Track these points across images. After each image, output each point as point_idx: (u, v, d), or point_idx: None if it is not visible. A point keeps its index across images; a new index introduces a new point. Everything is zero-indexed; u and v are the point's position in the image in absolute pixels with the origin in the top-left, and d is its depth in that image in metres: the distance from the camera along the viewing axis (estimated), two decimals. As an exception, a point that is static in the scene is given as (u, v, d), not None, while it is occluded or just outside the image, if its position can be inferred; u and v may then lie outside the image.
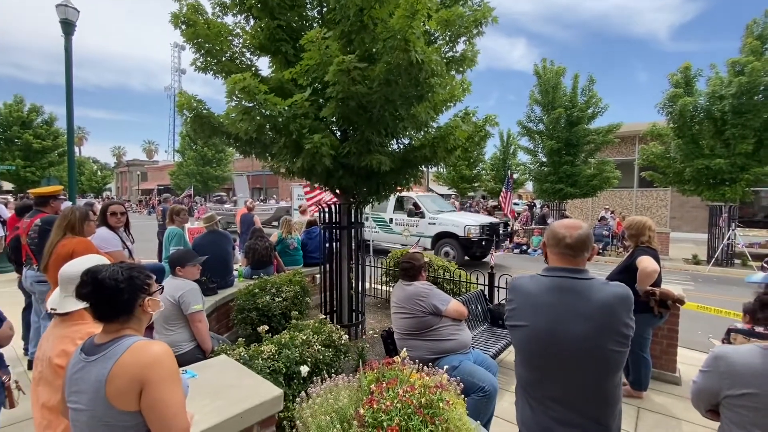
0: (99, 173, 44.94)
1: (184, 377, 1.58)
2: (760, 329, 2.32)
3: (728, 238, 10.13)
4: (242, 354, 2.51)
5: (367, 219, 11.30)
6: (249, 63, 4.33)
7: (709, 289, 8.08)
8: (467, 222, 9.94)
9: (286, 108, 3.17)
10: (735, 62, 9.67)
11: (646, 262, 3.00)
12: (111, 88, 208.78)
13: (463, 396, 1.87)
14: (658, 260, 3.12)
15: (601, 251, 11.64)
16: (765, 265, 1.29)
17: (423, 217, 10.62)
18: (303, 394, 1.81)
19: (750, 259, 9.93)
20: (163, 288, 1.51)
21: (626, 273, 3.15)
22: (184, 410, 1.21)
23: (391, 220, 11.22)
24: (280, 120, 3.06)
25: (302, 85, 3.40)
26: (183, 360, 2.59)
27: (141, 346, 1.20)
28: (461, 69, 4.20)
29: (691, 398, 1.35)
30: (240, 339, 2.78)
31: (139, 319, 1.30)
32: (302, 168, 3.39)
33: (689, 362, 3.85)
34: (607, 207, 17.39)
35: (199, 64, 4.03)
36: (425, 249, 10.42)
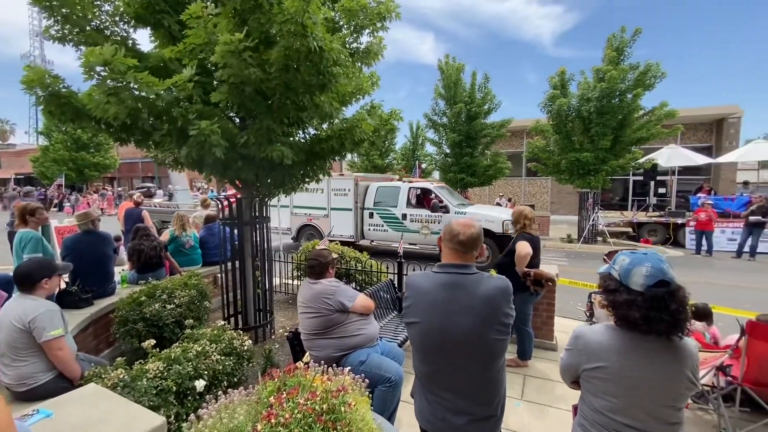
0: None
1: (25, 425, 1.30)
2: None
3: (592, 220, 12.07)
4: (122, 376, 2.18)
5: (371, 216, 9.83)
6: (124, 35, 3.71)
7: (580, 264, 9.53)
8: (504, 216, 8.56)
9: (171, 89, 2.79)
10: (598, 70, 11.37)
11: (520, 247, 3.40)
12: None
13: (369, 391, 1.88)
14: (536, 244, 3.53)
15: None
16: (605, 258, 1.56)
17: (447, 211, 9.01)
18: (192, 416, 1.62)
19: (608, 236, 12.00)
20: None
21: (509, 255, 3.54)
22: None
23: (404, 215, 9.42)
24: (160, 104, 2.67)
25: (190, 66, 3.02)
26: (40, 393, 2.16)
27: None
28: (368, 62, 4.17)
29: (560, 373, 1.54)
30: (119, 358, 2.42)
31: None
32: (190, 158, 3.01)
33: (565, 330, 4.49)
34: (501, 194, 19.33)
35: (54, 32, 3.32)
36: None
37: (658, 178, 14.22)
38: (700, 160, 13.72)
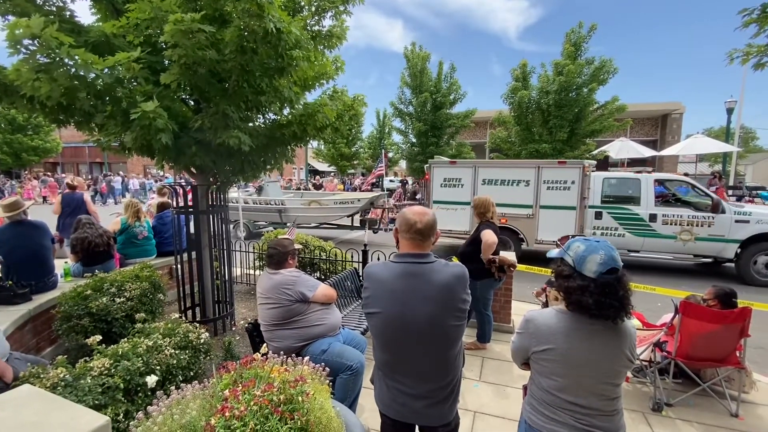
0: None
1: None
2: None
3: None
4: (62, 375, 2.04)
5: (598, 216, 7.64)
6: (60, 5, 3.38)
7: (539, 248, 9.93)
8: None
9: (114, 68, 2.56)
10: (557, 63, 11.78)
11: (488, 236, 3.48)
12: None
13: (329, 380, 1.88)
14: (497, 233, 3.64)
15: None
16: (558, 242, 1.62)
17: (723, 211, 6.84)
18: (140, 414, 1.55)
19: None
20: None
21: (474, 244, 3.61)
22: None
23: (653, 216, 7.23)
24: (100, 84, 2.45)
25: (136, 43, 2.80)
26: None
27: None
28: (330, 45, 4.05)
29: (511, 355, 1.60)
30: (60, 357, 2.26)
31: None
32: (138, 143, 2.80)
33: (521, 313, 4.70)
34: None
35: (-27, -2, 2.95)
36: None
37: (610, 169, 15.07)
38: (647, 152, 14.65)
